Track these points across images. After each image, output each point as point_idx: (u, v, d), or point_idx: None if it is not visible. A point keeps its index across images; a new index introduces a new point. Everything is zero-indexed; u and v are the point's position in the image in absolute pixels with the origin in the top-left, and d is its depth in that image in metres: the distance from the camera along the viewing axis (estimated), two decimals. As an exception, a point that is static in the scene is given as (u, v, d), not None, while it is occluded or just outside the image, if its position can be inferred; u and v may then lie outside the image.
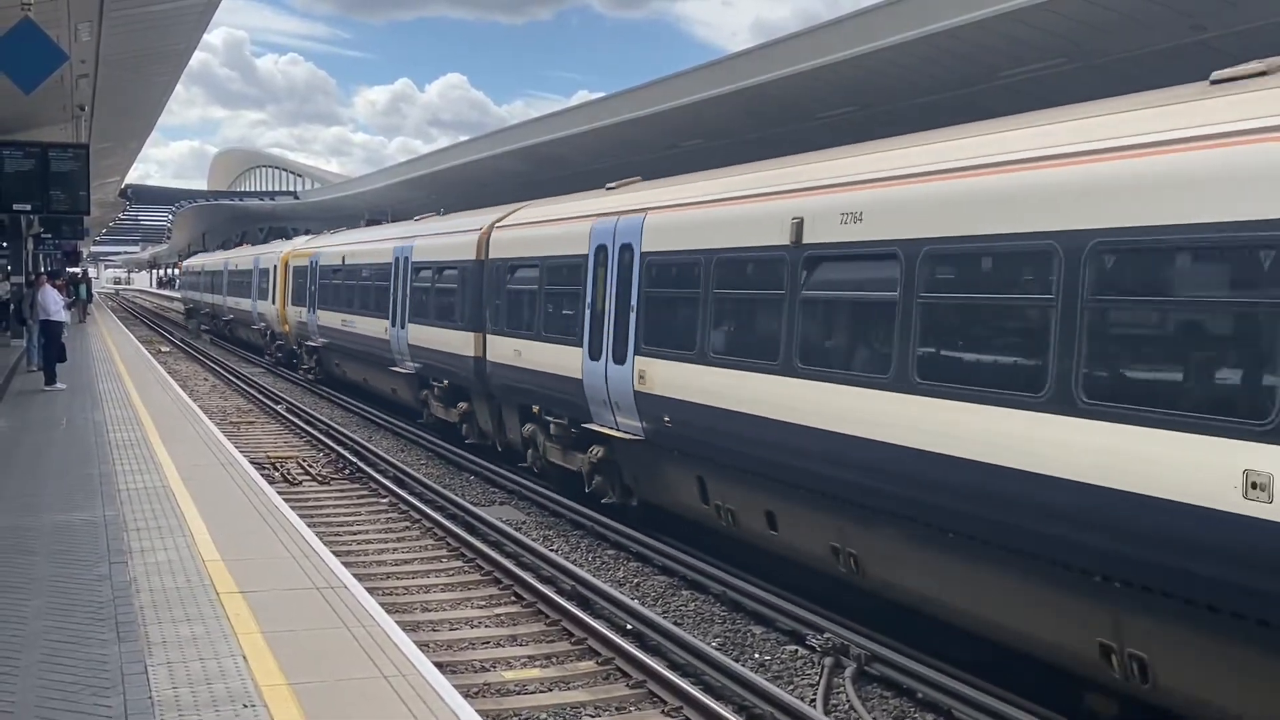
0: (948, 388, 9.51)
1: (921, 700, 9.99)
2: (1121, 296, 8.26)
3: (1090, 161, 8.49)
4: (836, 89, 26.36)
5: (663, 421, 14.28)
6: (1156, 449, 7.67)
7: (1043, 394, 8.57)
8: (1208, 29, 19.14)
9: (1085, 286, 8.32)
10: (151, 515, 12.29)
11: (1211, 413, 7.39)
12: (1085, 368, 8.32)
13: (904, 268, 10.06)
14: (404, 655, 8.12)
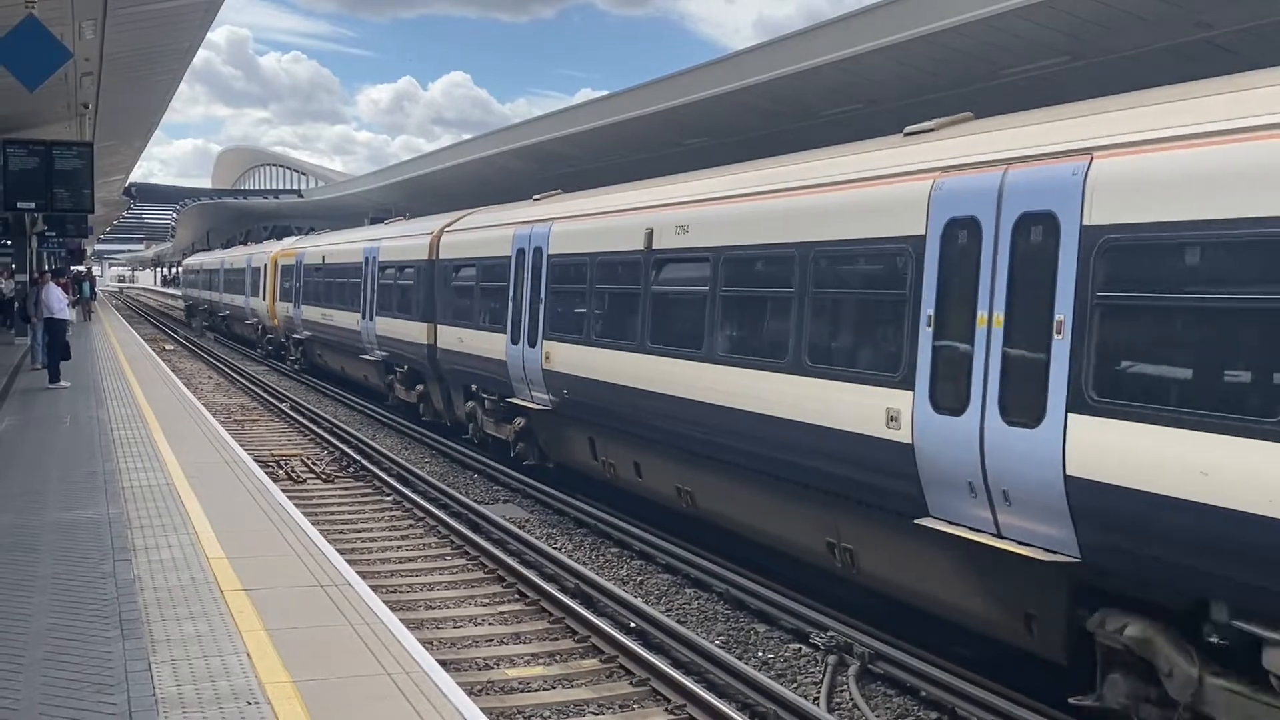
0: (737, 358, 12.76)
1: (925, 698, 9.99)
2: (826, 289, 11.41)
3: (812, 194, 11.77)
4: (841, 87, 26.33)
5: (563, 394, 17.21)
6: (845, 396, 10.83)
7: (786, 359, 11.79)
8: (1214, 26, 19.09)
9: (809, 282, 11.53)
10: (155, 513, 12.30)
11: (870, 369, 10.62)
12: (809, 341, 11.54)
13: (712, 268, 13.27)
14: (408, 653, 8.12)
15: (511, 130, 45.86)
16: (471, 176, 49.72)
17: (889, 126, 14.17)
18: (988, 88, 23.56)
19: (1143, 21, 19.57)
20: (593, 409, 16.38)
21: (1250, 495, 7.07)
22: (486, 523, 16.23)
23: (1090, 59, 21.27)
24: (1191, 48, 19.54)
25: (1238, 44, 18.84)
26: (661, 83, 33.02)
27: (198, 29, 22.00)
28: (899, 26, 22.95)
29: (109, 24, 19.00)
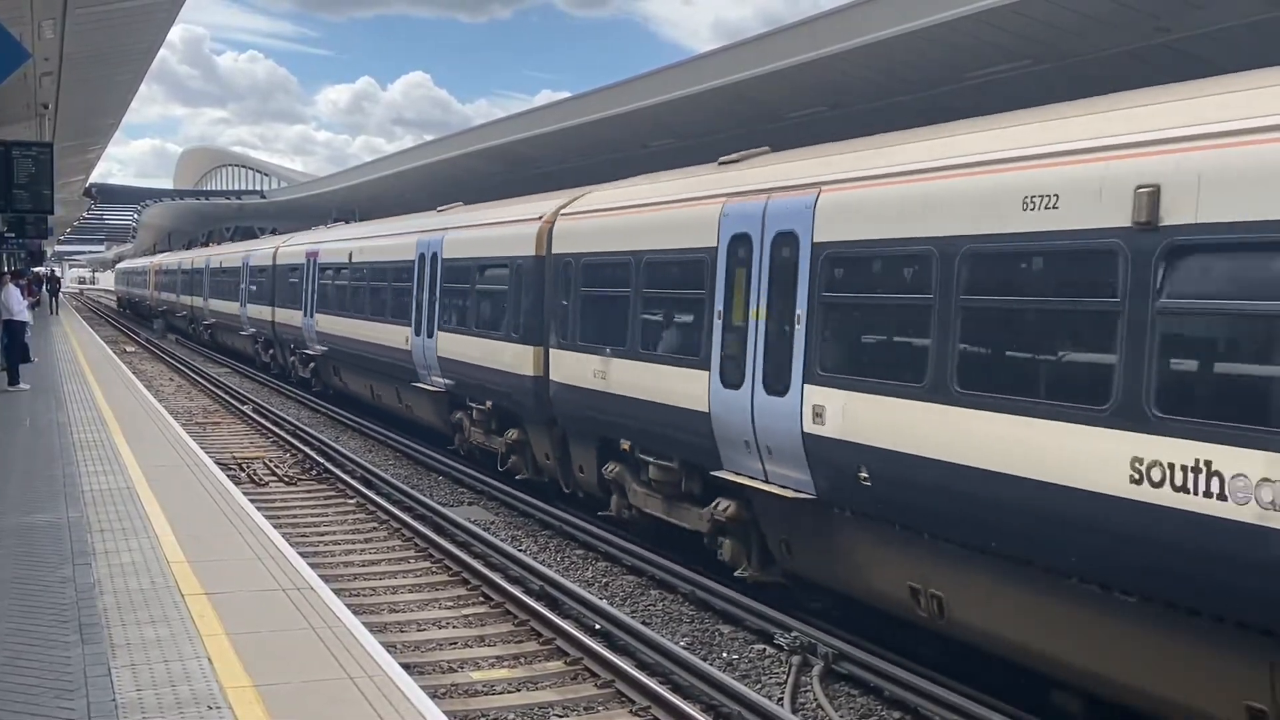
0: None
1: (888, 698, 10.03)
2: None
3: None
4: (807, 89, 26.42)
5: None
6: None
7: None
8: (1172, 31, 19.27)
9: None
10: (116, 516, 12.20)
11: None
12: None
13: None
14: (370, 656, 8.08)
15: (477, 131, 45.75)
16: (438, 178, 49.57)
17: (853, 129, 14.24)
18: (951, 90, 23.71)
19: (1103, 25, 19.74)
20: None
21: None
22: (451, 525, 16.18)
23: (1052, 63, 21.44)
24: (1151, 51, 19.73)
25: (1196, 48, 19.03)
26: (627, 84, 33.04)
27: (159, 29, 21.85)
28: (863, 30, 23.05)
29: (69, 24, 18.83)
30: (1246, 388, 7.29)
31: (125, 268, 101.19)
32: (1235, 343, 7.57)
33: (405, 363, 22.52)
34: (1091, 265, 8.13)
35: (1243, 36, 18.47)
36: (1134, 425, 7.66)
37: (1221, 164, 7.33)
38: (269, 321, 35.76)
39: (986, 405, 8.82)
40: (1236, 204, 7.21)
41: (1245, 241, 7.18)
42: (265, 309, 36.16)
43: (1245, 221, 7.15)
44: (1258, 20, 18.06)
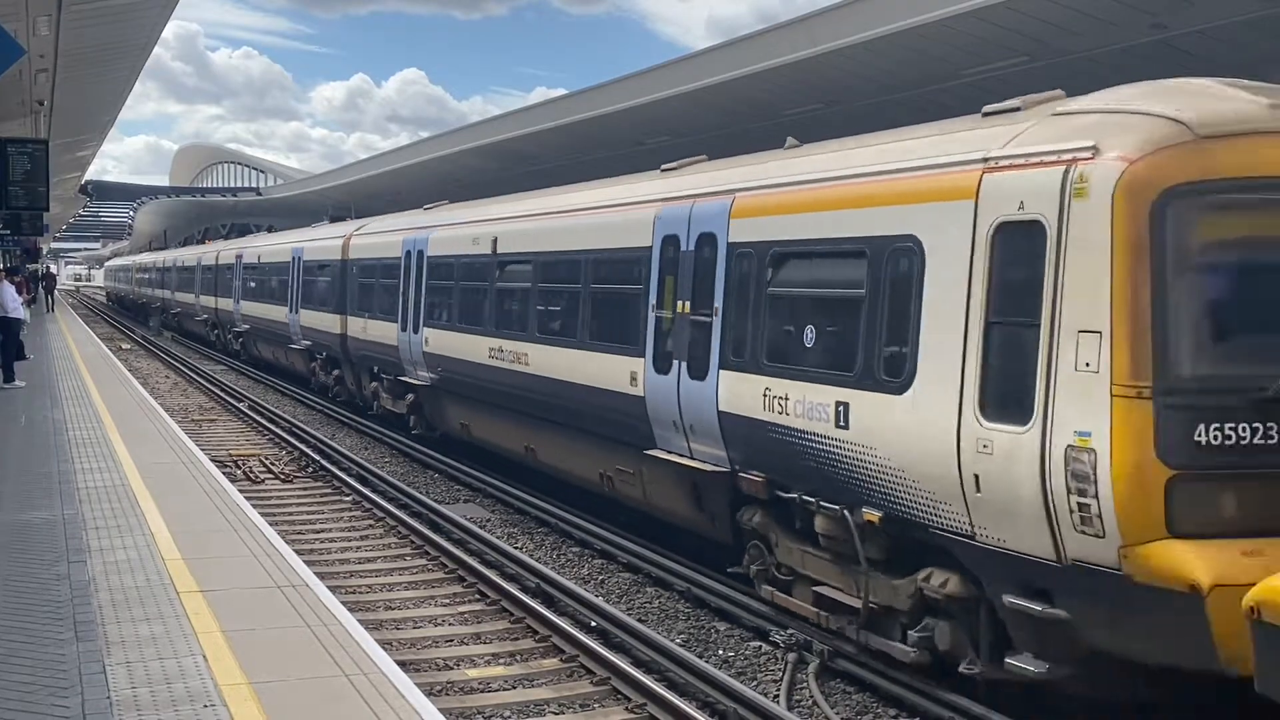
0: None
1: (884, 695, 10.03)
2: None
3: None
4: (803, 87, 26.44)
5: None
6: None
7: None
8: (1168, 27, 19.30)
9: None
10: (111, 514, 12.19)
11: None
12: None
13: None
14: (366, 654, 8.09)
15: (473, 128, 45.76)
16: (433, 174, 49.55)
17: (850, 126, 14.24)
18: (947, 88, 23.72)
19: (1099, 23, 19.76)
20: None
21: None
22: (447, 522, 16.17)
23: (1048, 60, 21.46)
24: (1147, 48, 19.75)
25: (1191, 45, 19.06)
26: (623, 81, 33.05)
27: (154, 25, 21.85)
28: (858, 28, 23.07)
29: (64, 19, 18.82)
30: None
31: (112, 265, 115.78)
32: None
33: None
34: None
35: (1238, 33, 18.50)
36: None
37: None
38: (213, 308, 45.43)
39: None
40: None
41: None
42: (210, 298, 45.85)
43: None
44: (1253, 17, 18.08)
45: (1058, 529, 8.23)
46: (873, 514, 9.84)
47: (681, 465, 12.76)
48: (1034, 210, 8.47)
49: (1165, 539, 7.79)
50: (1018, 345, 8.56)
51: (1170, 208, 7.99)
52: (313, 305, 29.21)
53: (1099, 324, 8.01)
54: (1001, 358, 8.71)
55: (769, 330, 11.46)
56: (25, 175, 24.53)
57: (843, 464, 10.18)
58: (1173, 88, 8.86)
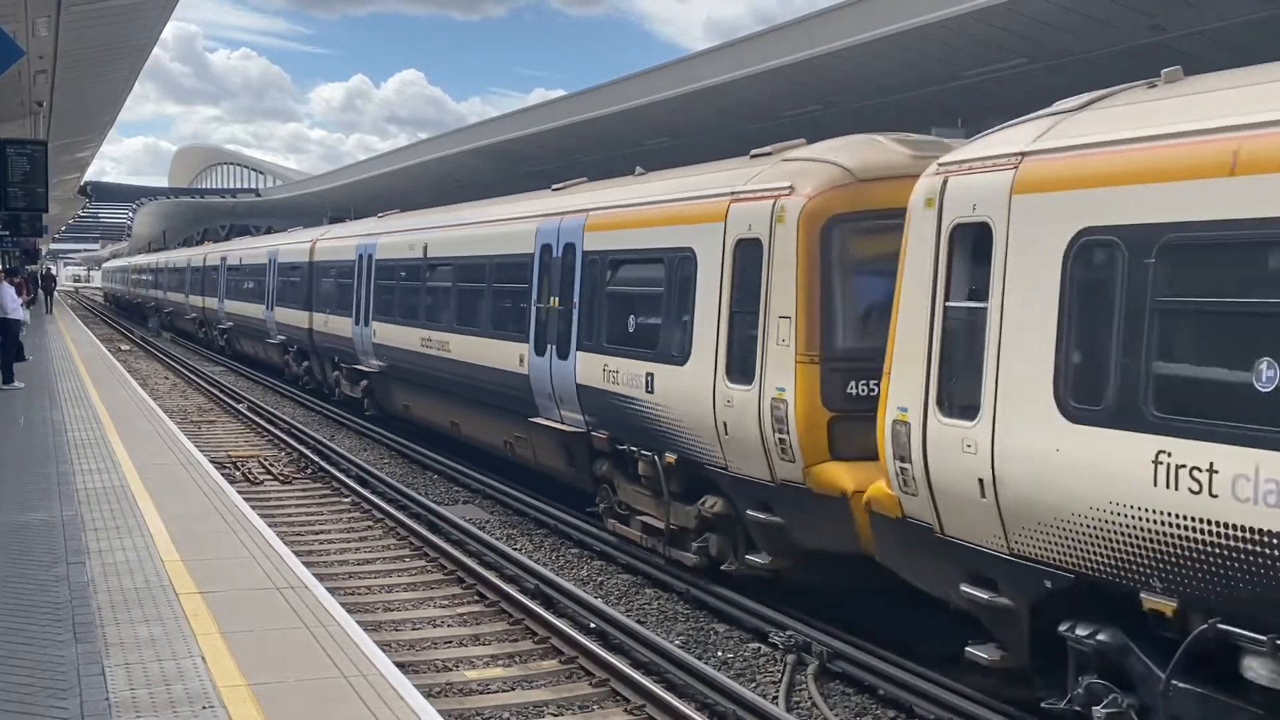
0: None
1: (883, 697, 10.03)
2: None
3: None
4: (802, 88, 26.45)
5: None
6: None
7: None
8: (1167, 29, 19.31)
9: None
10: (110, 515, 12.19)
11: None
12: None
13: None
14: (365, 655, 8.08)
15: (472, 129, 45.74)
16: (433, 175, 49.55)
17: (849, 128, 14.24)
18: (947, 89, 23.73)
19: (1098, 24, 19.77)
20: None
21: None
22: (446, 524, 16.17)
23: (1047, 61, 21.46)
24: (1146, 50, 19.75)
25: (1189, 46, 19.05)
26: (622, 83, 33.04)
27: (153, 26, 21.84)
28: (858, 29, 23.07)
29: (63, 21, 18.81)
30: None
31: (109, 267, 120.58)
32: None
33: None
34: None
35: (1236, 34, 18.50)
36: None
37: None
38: (201, 307, 48.71)
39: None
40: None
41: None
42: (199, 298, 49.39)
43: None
44: (1251, 19, 18.09)
45: (770, 458, 11.42)
46: (671, 457, 13.00)
47: (555, 429, 15.80)
48: (756, 231, 11.70)
49: (828, 461, 10.96)
50: (747, 328, 11.79)
51: (834, 230, 11.15)
52: (286, 303, 32.14)
53: (790, 311, 11.18)
54: (738, 337, 11.93)
55: (607, 319, 14.66)
56: (24, 176, 24.53)
57: (652, 420, 13.39)
58: (853, 142, 11.99)
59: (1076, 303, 7.98)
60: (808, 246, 11.17)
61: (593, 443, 14.88)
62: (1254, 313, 6.95)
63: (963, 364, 8.88)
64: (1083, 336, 7.94)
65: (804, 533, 11.33)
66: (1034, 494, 8.14)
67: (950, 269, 9.09)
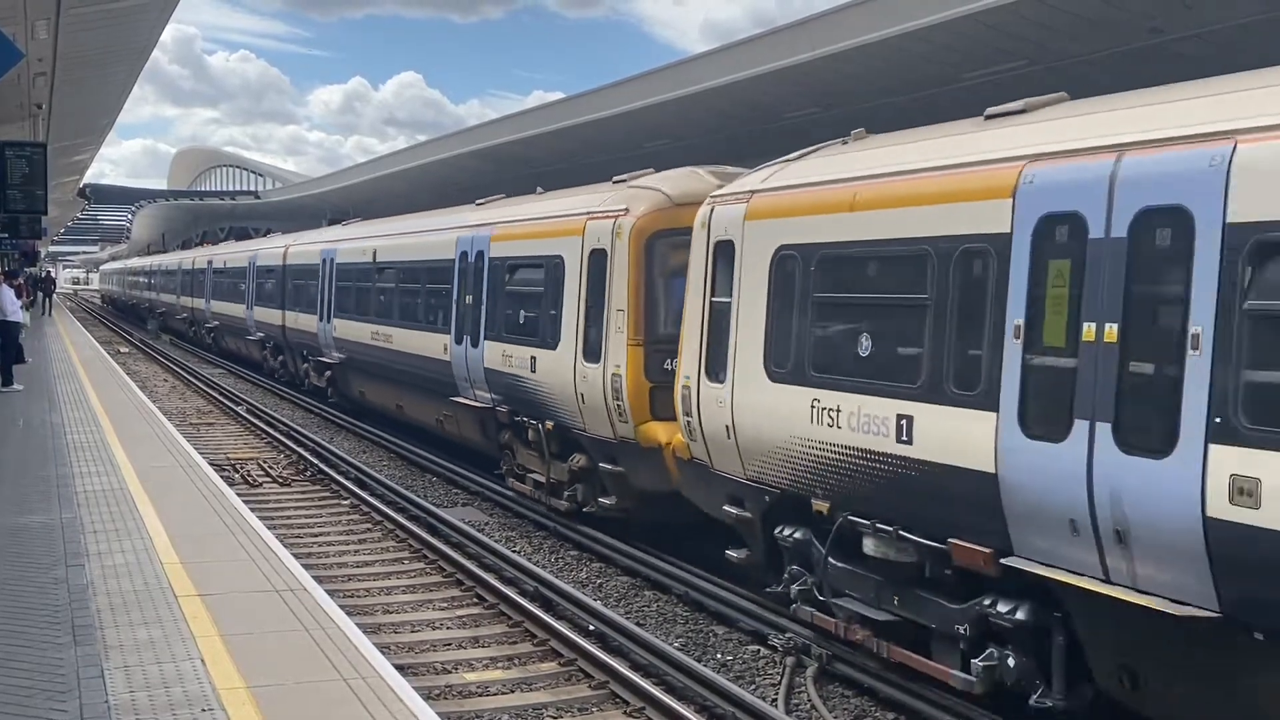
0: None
1: (883, 699, 10.03)
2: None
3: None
4: (801, 90, 26.46)
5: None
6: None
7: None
8: (1165, 32, 19.32)
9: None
10: (109, 517, 12.18)
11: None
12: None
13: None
14: (364, 657, 8.08)
15: (471, 132, 45.73)
16: (433, 177, 49.53)
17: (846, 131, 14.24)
18: (946, 91, 23.73)
19: (1097, 27, 19.77)
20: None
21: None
22: (445, 526, 16.17)
23: (1047, 63, 21.47)
24: (1144, 52, 19.77)
25: (1189, 48, 19.07)
26: (621, 85, 33.04)
27: (152, 29, 21.85)
28: (858, 31, 23.07)
29: (63, 24, 18.82)
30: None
31: (106, 270, 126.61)
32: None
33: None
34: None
35: (1234, 37, 18.51)
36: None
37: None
38: (191, 307, 52.12)
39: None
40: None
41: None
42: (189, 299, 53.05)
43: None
44: (1249, 21, 18.10)
45: (612, 421, 14.50)
46: (550, 424, 16.10)
47: (470, 406, 18.75)
48: (603, 243, 14.83)
49: (651, 421, 14.06)
50: (596, 318, 14.86)
51: (655, 244, 14.36)
52: (263, 303, 35.41)
53: (624, 306, 14.34)
54: (591, 326, 15.01)
55: (505, 313, 17.64)
56: (23, 178, 24.53)
57: (536, 394, 16.41)
58: (678, 173, 15.12)
59: (775, 299, 11.15)
60: (635, 256, 14.39)
61: (497, 416, 17.85)
62: (860, 304, 10.25)
63: (718, 343, 11.94)
64: (778, 322, 11.10)
65: (638, 478, 14.51)
66: (754, 434, 11.28)
67: (714, 274, 12.17)
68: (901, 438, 9.38)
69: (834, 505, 10.26)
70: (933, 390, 9.14)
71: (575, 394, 15.14)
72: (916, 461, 9.25)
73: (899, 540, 9.62)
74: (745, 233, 11.60)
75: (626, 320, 14.26)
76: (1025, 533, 8.41)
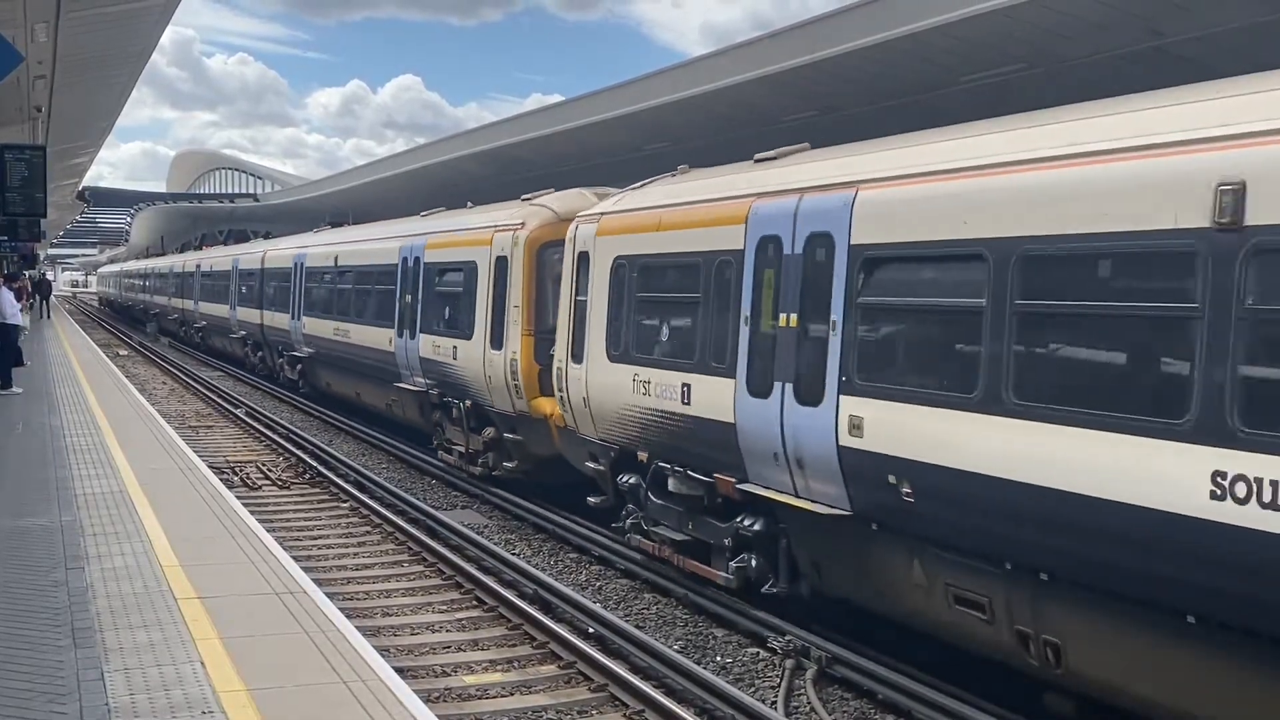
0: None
1: (882, 701, 10.04)
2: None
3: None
4: (799, 93, 26.45)
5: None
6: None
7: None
8: (1165, 34, 19.32)
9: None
10: (109, 520, 12.18)
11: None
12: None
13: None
14: (364, 660, 8.08)
15: (470, 135, 45.71)
16: (433, 180, 49.50)
17: (845, 134, 14.25)
18: (945, 94, 23.73)
19: (1097, 29, 19.77)
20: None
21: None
22: (444, 529, 16.18)
23: (1046, 66, 21.47)
24: (1144, 54, 19.77)
25: (1188, 50, 19.07)
26: (621, 88, 33.03)
27: (151, 32, 21.85)
28: (855, 34, 23.07)
29: (62, 27, 18.82)
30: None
31: (103, 272, 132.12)
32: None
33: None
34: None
35: (1234, 39, 18.52)
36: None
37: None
38: (181, 308, 55.77)
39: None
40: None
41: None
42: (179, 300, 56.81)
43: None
44: (1249, 24, 18.11)
45: (512, 397, 17.53)
46: (468, 402, 19.23)
47: (411, 390, 21.72)
48: (505, 251, 17.87)
49: (540, 397, 16.91)
50: (500, 313, 17.81)
51: (543, 252, 17.29)
52: (244, 304, 38.69)
53: (519, 303, 17.36)
54: (496, 319, 17.94)
55: (435, 310, 20.69)
56: (23, 181, 24.49)
57: (457, 378, 19.50)
58: (567, 193, 18.10)
59: (612, 297, 14.17)
60: (528, 263, 17.37)
61: (430, 398, 20.87)
62: (661, 301, 13.43)
63: (579, 332, 14.88)
64: (613, 315, 14.14)
65: (532, 444, 17.52)
66: (601, 403, 14.28)
67: (577, 278, 15.09)
68: (685, 401, 12.48)
69: (650, 455, 13.38)
70: (702, 364, 12.23)
71: (485, 376, 18.27)
72: (693, 418, 12.36)
73: (688, 479, 12.68)
74: (596, 246, 14.67)
75: (521, 315, 17.33)
76: (752, 464, 11.51)
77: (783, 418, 10.84)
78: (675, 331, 12.99)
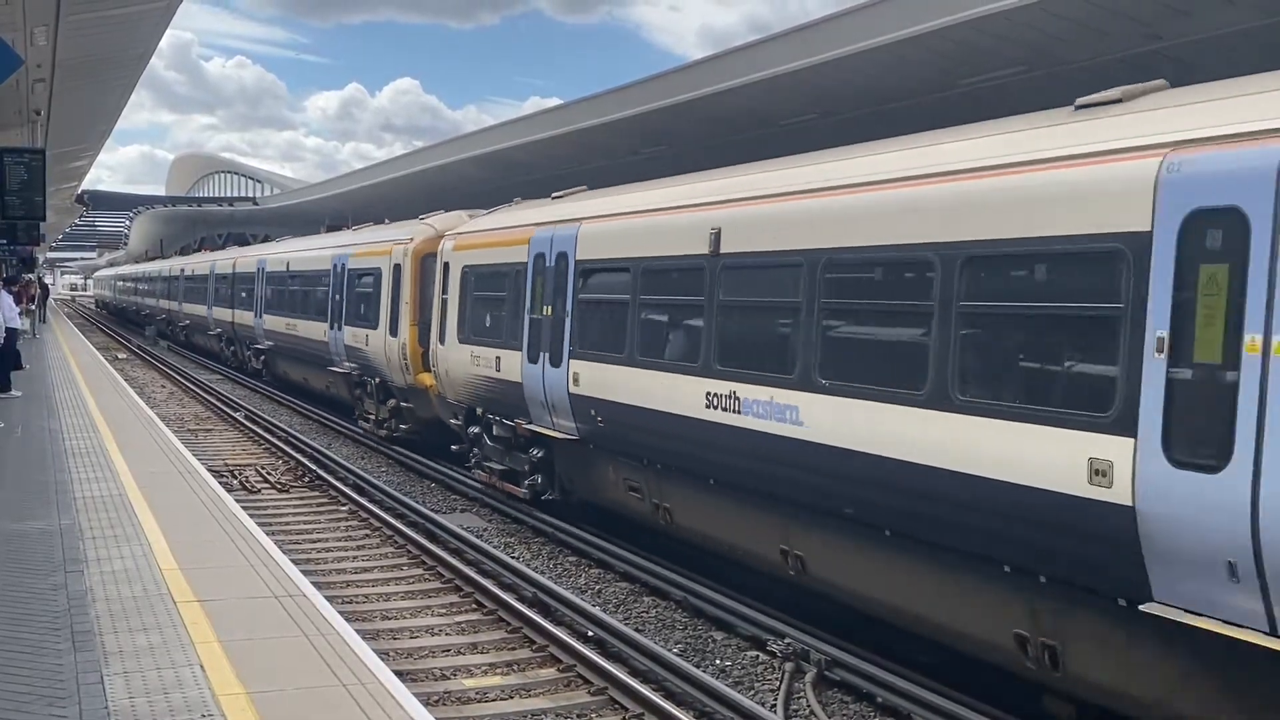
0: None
1: (881, 705, 10.03)
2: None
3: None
4: (798, 96, 26.45)
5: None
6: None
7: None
8: (1163, 38, 19.33)
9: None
10: (108, 523, 12.18)
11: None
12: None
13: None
14: (363, 663, 8.08)
15: (467, 138, 45.69)
16: (432, 183, 49.49)
17: (845, 136, 14.25)
18: (944, 97, 23.73)
19: (1094, 32, 19.78)
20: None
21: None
22: (444, 532, 16.17)
23: (1044, 69, 21.48)
24: (1142, 58, 19.77)
25: (1186, 54, 19.08)
26: (619, 91, 33.02)
27: (151, 34, 21.84)
28: (855, 37, 23.07)
29: (62, 30, 18.81)
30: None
31: (99, 276, 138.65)
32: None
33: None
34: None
35: (1233, 42, 18.53)
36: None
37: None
38: (168, 309, 60.69)
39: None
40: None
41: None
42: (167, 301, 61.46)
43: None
44: (1247, 28, 18.12)
45: (404, 374, 22.68)
46: (377, 380, 24.19)
47: (341, 373, 26.63)
48: (399, 260, 23.01)
49: (423, 372, 21.63)
50: (396, 308, 22.86)
51: (425, 261, 22.15)
52: (219, 304, 43.61)
53: (408, 300, 22.44)
54: (392, 313, 23.01)
55: (355, 307, 25.53)
56: (22, 185, 24.48)
57: (369, 360, 24.55)
58: (447, 215, 23.24)
59: (461, 296, 19.05)
60: (414, 269, 22.54)
61: (353, 378, 26.06)
62: (487, 298, 18.15)
63: (445, 321, 19.50)
64: (462, 308, 18.99)
65: (419, 410, 22.53)
66: (455, 374, 19.04)
67: (444, 281, 19.80)
68: (497, 369, 17.26)
69: (484, 410, 18.23)
70: (505, 342, 17.07)
71: (385, 357, 23.52)
72: (502, 380, 17.13)
73: (502, 425, 17.41)
74: (453, 258, 19.63)
75: (409, 309, 22.54)
76: (533, 410, 16.22)
77: (544, 377, 15.75)
78: (493, 320, 17.80)
